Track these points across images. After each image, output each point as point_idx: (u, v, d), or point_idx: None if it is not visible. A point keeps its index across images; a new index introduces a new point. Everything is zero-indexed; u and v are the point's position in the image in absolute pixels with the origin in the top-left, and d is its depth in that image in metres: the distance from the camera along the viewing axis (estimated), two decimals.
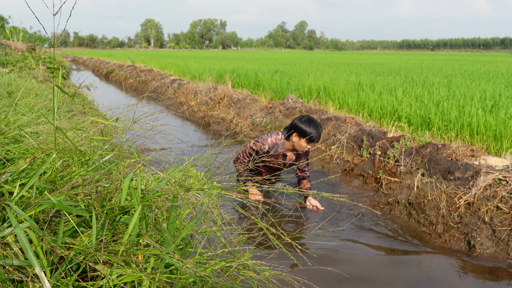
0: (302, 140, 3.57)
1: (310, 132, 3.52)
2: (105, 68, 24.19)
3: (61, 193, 1.04)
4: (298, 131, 3.57)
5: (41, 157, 1.49)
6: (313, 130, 3.53)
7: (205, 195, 1.15)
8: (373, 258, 3.03)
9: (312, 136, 3.52)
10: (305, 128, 3.53)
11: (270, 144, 3.69)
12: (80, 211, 1.00)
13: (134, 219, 0.95)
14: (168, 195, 1.10)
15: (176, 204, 1.06)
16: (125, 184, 1.00)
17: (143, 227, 1.01)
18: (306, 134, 3.53)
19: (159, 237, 1.07)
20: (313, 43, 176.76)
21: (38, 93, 6.40)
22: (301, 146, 3.60)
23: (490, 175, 3.56)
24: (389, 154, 4.54)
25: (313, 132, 3.53)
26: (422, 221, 3.67)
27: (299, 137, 3.58)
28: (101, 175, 1.22)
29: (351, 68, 14.99)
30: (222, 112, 8.26)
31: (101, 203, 1.09)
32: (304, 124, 3.54)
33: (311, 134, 3.52)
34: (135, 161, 1.43)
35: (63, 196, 1.04)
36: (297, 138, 3.59)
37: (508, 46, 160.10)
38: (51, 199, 0.97)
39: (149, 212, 1.09)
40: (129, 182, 1.01)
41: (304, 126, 3.53)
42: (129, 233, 0.95)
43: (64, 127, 2.22)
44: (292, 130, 3.62)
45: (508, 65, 19.92)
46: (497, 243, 3.15)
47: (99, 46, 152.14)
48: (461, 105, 5.67)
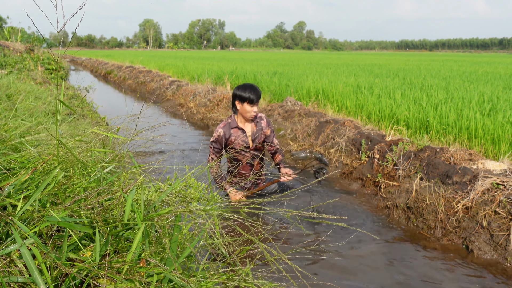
0: (245, 104, 3.72)
1: (247, 94, 3.69)
2: (104, 69, 24.19)
3: (64, 208, 1.04)
4: (238, 98, 3.73)
5: (43, 167, 1.50)
6: (250, 91, 3.70)
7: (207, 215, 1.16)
8: (371, 266, 3.04)
9: (250, 97, 3.68)
10: (242, 92, 3.70)
11: (223, 127, 3.81)
12: (84, 228, 1.01)
13: (138, 238, 0.96)
14: (171, 213, 1.11)
15: (179, 224, 1.07)
16: (128, 202, 1.02)
17: (146, 245, 1.02)
18: (245, 97, 3.70)
19: (161, 249, 1.08)
20: (312, 44, 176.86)
21: (37, 95, 6.41)
22: (246, 110, 3.73)
23: (488, 179, 3.58)
24: (388, 157, 4.56)
25: (250, 93, 3.70)
26: (421, 225, 3.69)
27: (241, 103, 3.73)
28: (103, 187, 1.23)
29: (350, 69, 15.01)
30: (221, 114, 8.27)
31: (103, 216, 1.10)
32: (240, 90, 3.72)
33: (249, 95, 3.69)
34: (136, 172, 1.45)
35: (67, 212, 1.05)
36: (240, 104, 3.75)
37: (506, 47, 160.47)
38: (55, 217, 0.98)
39: (151, 229, 1.10)
40: (132, 198, 1.02)
41: (240, 91, 3.71)
42: (133, 252, 0.96)
43: (65, 134, 2.23)
44: (233, 100, 3.79)
45: (506, 66, 19.98)
46: (495, 248, 3.17)
47: (98, 46, 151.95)
48: (459, 108, 5.69)
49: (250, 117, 3.78)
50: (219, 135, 3.78)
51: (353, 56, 46.87)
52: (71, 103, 7.26)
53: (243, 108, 3.73)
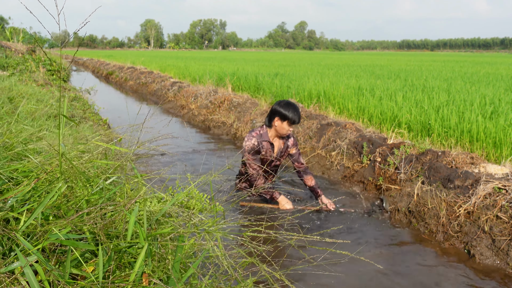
0: (284, 123, 3.74)
1: (290, 114, 3.71)
2: (105, 70, 24.21)
3: (67, 222, 1.05)
4: (278, 115, 3.74)
5: (45, 177, 1.51)
6: (293, 112, 3.72)
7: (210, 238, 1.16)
8: (373, 270, 3.04)
9: (293, 118, 3.71)
10: (285, 111, 3.71)
11: (256, 136, 3.83)
12: (87, 245, 1.01)
13: (141, 257, 0.96)
14: (174, 233, 1.12)
15: (182, 245, 1.07)
16: (131, 221, 1.02)
17: (149, 263, 1.02)
18: (287, 117, 3.70)
19: (164, 266, 1.08)
20: (313, 43, 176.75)
21: (39, 98, 6.41)
22: (284, 129, 3.76)
23: (489, 183, 3.58)
24: (389, 161, 4.56)
25: (294, 114, 3.72)
26: (422, 229, 3.69)
27: (281, 120, 3.74)
28: (106, 199, 1.24)
29: (351, 70, 15.00)
30: (223, 116, 8.27)
31: (106, 231, 1.11)
32: (283, 107, 3.73)
33: (292, 116, 3.71)
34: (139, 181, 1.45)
35: (69, 228, 1.06)
36: (279, 121, 3.76)
37: (508, 46, 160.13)
38: (58, 234, 0.99)
39: (154, 247, 1.10)
40: (135, 216, 1.03)
41: (284, 110, 3.71)
42: (136, 272, 0.97)
43: (66, 141, 2.23)
44: (272, 115, 3.79)
45: (508, 66, 19.94)
46: (497, 253, 3.16)
47: (99, 46, 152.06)
48: (461, 111, 5.69)
49: (285, 135, 3.81)
50: (255, 145, 3.80)
51: (355, 56, 46.83)
52: (73, 105, 7.27)
53: (281, 126, 3.75)
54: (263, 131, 3.86)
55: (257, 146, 3.79)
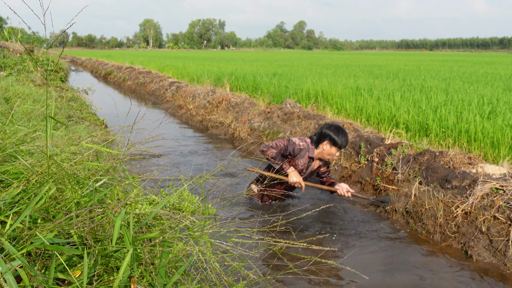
0: (333, 148, 3.73)
1: (340, 140, 3.70)
2: (104, 70, 24.17)
3: (54, 226, 1.03)
4: (329, 139, 3.72)
5: (36, 180, 1.49)
6: (343, 137, 3.72)
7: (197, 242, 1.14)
8: (370, 270, 3.03)
9: (342, 144, 3.71)
10: (335, 136, 3.70)
11: (306, 146, 3.82)
12: (71, 250, 0.99)
13: (125, 262, 0.94)
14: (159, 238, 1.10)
15: (168, 250, 1.05)
16: (117, 225, 1.00)
17: (135, 268, 1.00)
18: (337, 143, 3.70)
19: (151, 270, 1.06)
20: (312, 43, 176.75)
21: (35, 98, 6.39)
22: (331, 153, 3.76)
23: (487, 184, 3.56)
24: (387, 161, 4.54)
25: (343, 140, 3.73)
26: (420, 230, 3.67)
27: (330, 145, 3.72)
28: (95, 202, 1.22)
29: (350, 70, 14.99)
30: (220, 116, 8.25)
31: (94, 234, 1.09)
32: (334, 132, 3.71)
33: (341, 142, 3.71)
34: (130, 183, 1.43)
35: (55, 232, 1.04)
36: (328, 146, 3.74)
37: (507, 46, 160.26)
38: (42, 239, 0.97)
39: (142, 250, 1.08)
40: (121, 220, 1.00)
41: (335, 135, 3.70)
42: (120, 278, 0.94)
43: (59, 143, 2.21)
44: (321, 138, 3.76)
45: (506, 66, 19.94)
46: (494, 254, 3.15)
47: (98, 46, 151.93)
48: (459, 111, 5.67)
49: (328, 159, 3.84)
50: (299, 146, 3.79)
51: (353, 56, 46.83)
52: (70, 106, 7.25)
53: (329, 149, 3.74)
54: (311, 147, 3.83)
55: (298, 147, 3.78)
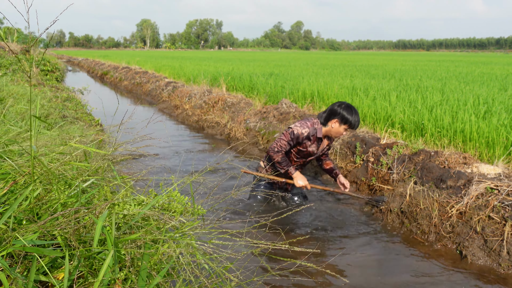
0: (343, 126, 3.60)
1: (353, 119, 3.57)
2: (100, 70, 24.11)
3: (38, 227, 1.01)
4: (339, 117, 3.58)
5: (24, 180, 1.47)
6: (355, 116, 3.58)
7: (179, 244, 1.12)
8: (364, 270, 3.02)
9: (354, 123, 3.58)
10: (347, 115, 3.56)
11: (310, 128, 3.69)
12: (52, 252, 0.97)
13: (106, 264, 0.92)
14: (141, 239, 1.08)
15: (149, 252, 1.03)
16: (98, 227, 0.98)
17: (116, 271, 0.99)
18: (348, 121, 3.56)
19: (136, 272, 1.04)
20: (309, 43, 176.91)
21: (29, 99, 6.35)
22: (339, 132, 3.64)
23: (482, 183, 3.56)
24: (382, 161, 4.53)
25: (356, 119, 3.58)
26: (415, 230, 3.66)
27: (340, 123, 3.59)
28: (82, 203, 1.20)
29: (346, 70, 14.99)
30: (216, 116, 8.23)
31: (78, 236, 1.07)
32: (345, 110, 3.57)
33: (354, 121, 3.57)
34: (119, 184, 1.41)
35: (38, 234, 1.02)
36: (337, 124, 3.61)
37: (503, 46, 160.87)
38: (22, 241, 0.95)
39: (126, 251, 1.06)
40: (103, 222, 0.99)
41: (346, 113, 3.56)
42: (100, 280, 0.93)
43: (49, 143, 2.19)
44: (331, 115, 3.63)
45: (502, 66, 20.00)
46: (489, 254, 3.14)
47: (95, 46, 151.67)
48: (455, 110, 5.67)
49: (336, 137, 3.73)
50: (302, 133, 3.66)
51: (350, 56, 46.88)
52: (65, 106, 7.21)
53: (338, 128, 3.61)
54: (317, 126, 3.68)
55: (302, 138, 3.67)
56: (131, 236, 1.09)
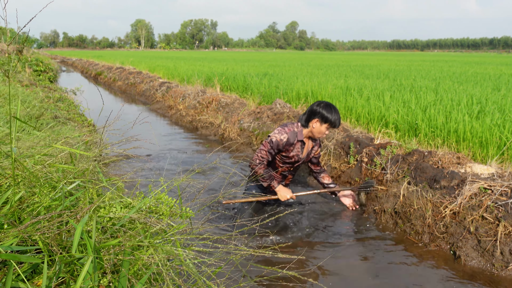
0: (324, 125, 3.54)
1: (333, 117, 3.51)
2: (94, 70, 23.99)
3: (18, 232, 0.98)
4: (319, 117, 3.53)
5: (6, 183, 1.43)
6: (335, 115, 3.53)
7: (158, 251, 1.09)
8: (358, 271, 3.00)
9: (335, 121, 3.52)
10: (327, 113, 3.51)
11: (289, 133, 3.61)
12: (30, 258, 0.94)
13: (84, 270, 0.89)
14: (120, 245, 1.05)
15: (128, 259, 1.00)
16: (77, 232, 0.95)
17: (94, 278, 0.95)
18: (328, 119, 3.51)
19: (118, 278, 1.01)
20: (304, 44, 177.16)
21: (22, 99, 6.29)
22: (321, 131, 3.57)
23: (475, 184, 3.55)
24: (376, 161, 4.52)
25: (336, 117, 3.53)
26: (408, 230, 3.65)
27: (320, 122, 3.54)
28: (66, 206, 1.16)
29: (341, 70, 15.00)
30: (210, 117, 8.20)
31: (60, 241, 1.03)
32: (324, 109, 3.52)
33: (334, 120, 3.51)
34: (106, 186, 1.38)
35: (16, 240, 0.98)
36: (318, 123, 3.55)
37: (496, 46, 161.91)
38: None
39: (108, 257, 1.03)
40: (82, 227, 0.95)
41: (326, 112, 3.51)
42: (78, 287, 0.90)
43: (38, 144, 2.15)
44: (311, 116, 3.58)
45: (496, 66, 20.10)
46: (482, 254, 3.13)
47: (89, 46, 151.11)
48: (448, 110, 5.68)
49: (319, 138, 3.66)
50: (282, 140, 3.57)
51: (345, 56, 46.98)
52: (57, 106, 7.15)
53: (319, 128, 3.55)
54: (298, 130, 3.62)
55: (282, 145, 3.58)
56: (111, 242, 1.05)
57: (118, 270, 1.05)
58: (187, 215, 1.37)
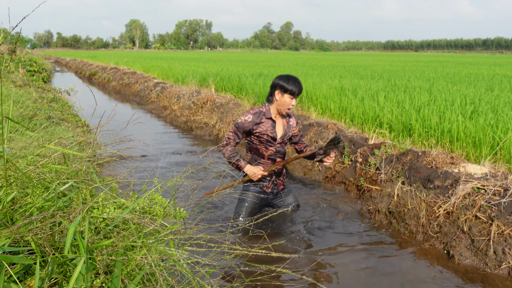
0: (285, 95, 3.48)
1: (290, 86, 3.45)
2: (88, 70, 23.90)
3: (11, 233, 0.97)
4: (278, 88, 3.49)
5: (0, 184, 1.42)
6: (293, 83, 3.46)
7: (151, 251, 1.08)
8: (352, 271, 3.01)
9: (293, 89, 3.45)
10: (284, 83, 3.46)
11: (253, 113, 3.59)
12: (22, 259, 0.93)
13: (76, 272, 0.88)
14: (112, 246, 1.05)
15: (121, 259, 1.00)
16: (70, 232, 0.94)
17: (87, 279, 0.95)
18: (287, 89, 3.45)
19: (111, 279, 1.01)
20: (299, 44, 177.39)
21: (15, 99, 6.25)
22: (285, 102, 3.51)
23: (469, 183, 3.57)
24: (370, 161, 4.53)
25: (294, 85, 3.46)
26: (403, 230, 3.67)
27: (281, 93, 3.49)
28: (59, 206, 1.16)
29: (335, 71, 15.04)
30: (205, 117, 8.19)
31: (53, 242, 1.03)
32: (282, 79, 3.49)
33: (292, 87, 3.45)
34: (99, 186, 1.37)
35: (8, 241, 0.98)
36: (279, 95, 3.51)
37: (490, 47, 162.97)
38: None
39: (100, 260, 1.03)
40: (75, 228, 0.95)
41: (283, 82, 3.46)
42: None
43: (31, 145, 2.14)
44: (272, 89, 3.55)
45: (489, 67, 20.23)
46: (476, 253, 3.15)
47: (83, 46, 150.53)
48: (442, 110, 5.70)
49: (286, 110, 3.56)
50: (246, 121, 3.55)
51: (340, 57, 47.08)
52: (51, 107, 7.11)
53: (282, 99, 3.48)
54: (265, 109, 3.58)
55: (247, 122, 3.55)
56: (104, 243, 1.05)
57: (111, 270, 1.04)
58: (180, 216, 1.37)
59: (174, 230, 1.28)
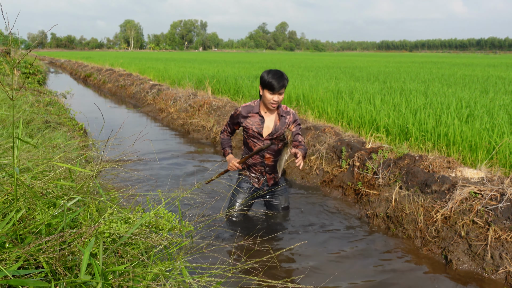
0: (266, 91, 3.34)
1: (267, 79, 3.28)
2: (83, 72, 23.81)
3: (22, 253, 0.98)
4: (261, 83, 3.38)
5: (4, 198, 1.43)
6: (273, 78, 3.28)
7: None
8: (350, 276, 3.03)
9: (270, 83, 3.26)
10: (265, 78, 3.31)
11: (244, 107, 3.58)
12: (37, 283, 0.94)
13: None
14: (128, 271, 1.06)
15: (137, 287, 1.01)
16: (85, 257, 0.96)
17: None
18: (266, 84, 3.29)
19: None
20: (294, 44, 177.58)
21: (11, 104, 6.22)
22: (268, 98, 3.36)
23: (466, 188, 3.61)
24: (368, 166, 4.56)
25: (274, 80, 3.25)
26: (400, 234, 3.70)
27: (262, 88, 3.39)
28: (67, 223, 1.17)
29: (331, 73, 15.08)
30: (202, 120, 8.19)
31: (65, 262, 1.04)
32: (264, 74, 3.36)
33: (268, 80, 3.27)
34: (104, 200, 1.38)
35: (20, 263, 0.99)
36: (261, 90, 3.43)
37: (483, 47, 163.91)
38: (4, 271, 0.92)
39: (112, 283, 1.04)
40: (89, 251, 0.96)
41: (264, 77, 3.34)
42: None
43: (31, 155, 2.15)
44: (259, 86, 3.45)
45: (483, 68, 20.36)
46: (473, 258, 3.18)
47: (78, 47, 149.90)
48: (438, 114, 5.75)
49: (270, 106, 3.40)
50: (235, 112, 3.62)
51: (335, 57, 47.18)
52: (48, 110, 7.09)
53: (265, 94, 3.36)
54: (254, 104, 3.55)
55: (236, 114, 3.60)
56: (119, 267, 1.06)
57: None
58: (186, 229, 1.39)
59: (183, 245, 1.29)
